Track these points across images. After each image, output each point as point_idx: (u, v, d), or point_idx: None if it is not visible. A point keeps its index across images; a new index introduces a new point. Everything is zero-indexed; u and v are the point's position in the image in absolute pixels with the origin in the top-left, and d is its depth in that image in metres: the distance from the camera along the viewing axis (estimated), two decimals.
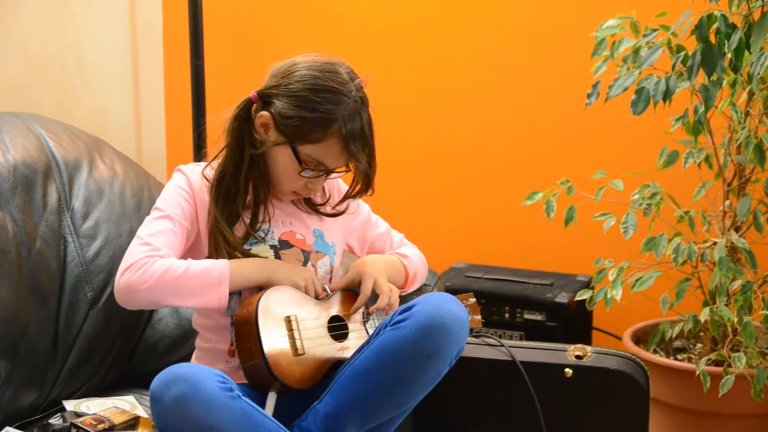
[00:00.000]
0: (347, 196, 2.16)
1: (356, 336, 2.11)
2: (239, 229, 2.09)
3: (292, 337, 2.00)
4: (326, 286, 2.13)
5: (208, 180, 2.11)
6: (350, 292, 2.16)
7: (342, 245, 2.25)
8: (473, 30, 3.31)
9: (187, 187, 2.11)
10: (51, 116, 2.49)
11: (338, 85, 2.03)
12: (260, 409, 1.89)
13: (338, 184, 2.24)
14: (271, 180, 2.10)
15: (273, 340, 1.98)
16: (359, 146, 2.04)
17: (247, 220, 2.09)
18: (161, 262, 1.99)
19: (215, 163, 2.12)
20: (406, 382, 1.96)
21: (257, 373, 1.99)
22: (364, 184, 2.10)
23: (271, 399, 1.98)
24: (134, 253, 2.01)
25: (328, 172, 2.08)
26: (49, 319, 2.22)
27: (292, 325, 2.01)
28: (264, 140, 2.06)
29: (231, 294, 2.04)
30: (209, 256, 2.07)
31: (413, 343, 1.94)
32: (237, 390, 1.87)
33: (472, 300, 2.31)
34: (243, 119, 2.07)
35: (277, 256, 2.11)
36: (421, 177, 3.42)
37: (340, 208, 2.20)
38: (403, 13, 3.38)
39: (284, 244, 2.13)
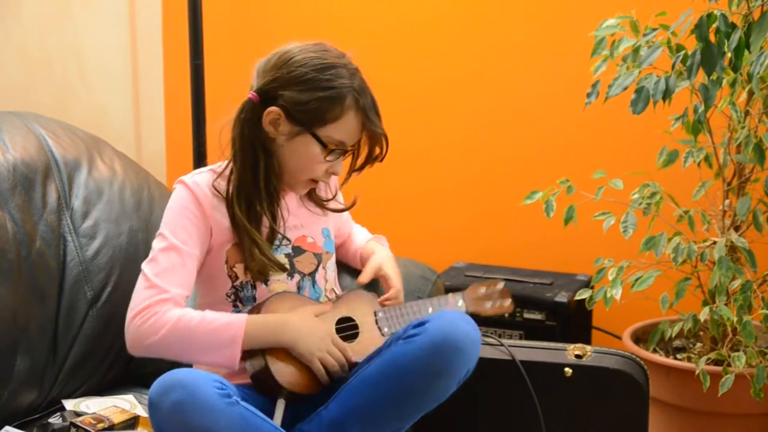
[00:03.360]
0: (371, 162, 2.11)
1: (368, 336, 2.11)
2: (264, 231, 2.07)
3: None
4: (335, 288, 2.13)
5: (219, 192, 2.06)
6: (357, 292, 2.16)
7: None
8: (473, 30, 3.32)
9: (191, 205, 2.05)
10: (51, 116, 2.49)
11: (337, 60, 2.03)
12: (259, 413, 1.88)
13: (336, 184, 2.24)
14: (286, 174, 2.07)
15: (277, 350, 1.98)
16: (375, 113, 2.04)
17: (269, 221, 2.07)
18: (170, 314, 1.96)
19: (225, 172, 2.08)
20: (413, 397, 1.96)
21: (263, 383, 1.98)
22: (387, 146, 2.08)
23: (280, 406, 1.97)
24: (141, 297, 1.99)
25: (345, 151, 2.06)
26: (49, 318, 2.22)
27: None
28: (275, 136, 2.03)
29: (240, 299, 2.05)
30: (243, 262, 2.05)
31: (424, 359, 1.93)
32: (236, 395, 1.86)
33: (501, 285, 2.35)
34: (250, 122, 2.03)
35: (292, 264, 2.09)
36: (421, 177, 3.42)
37: (343, 201, 2.21)
38: (403, 14, 3.38)
39: (297, 251, 2.11)
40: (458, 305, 2.26)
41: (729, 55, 2.27)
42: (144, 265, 2.03)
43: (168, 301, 1.98)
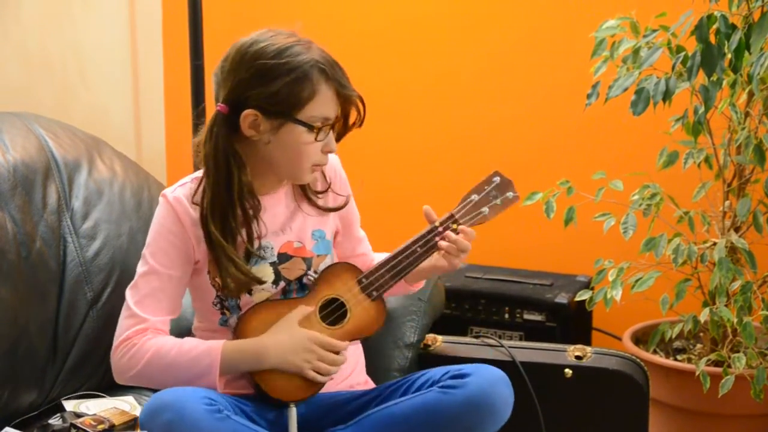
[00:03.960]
0: (350, 129, 2.03)
1: (359, 309, 2.05)
2: (240, 248, 2.01)
3: None
4: (311, 273, 2.07)
5: (198, 205, 2.00)
6: (332, 267, 2.08)
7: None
8: (473, 30, 3.31)
9: (171, 224, 2.01)
10: (51, 116, 2.49)
11: (289, 39, 1.97)
12: (251, 425, 1.88)
13: (338, 171, 2.16)
14: (285, 169, 2.01)
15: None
16: (345, 77, 1.97)
17: (244, 237, 2.00)
18: (147, 345, 1.95)
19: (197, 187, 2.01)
20: None
21: (264, 399, 1.98)
22: (363, 109, 2.01)
23: (292, 416, 1.97)
24: (122, 327, 1.99)
25: (333, 124, 1.99)
26: (49, 319, 2.22)
27: None
28: (259, 138, 1.97)
29: (226, 307, 2.03)
30: (220, 277, 1.99)
31: (457, 414, 1.92)
32: (227, 410, 1.85)
33: (496, 178, 2.16)
34: (224, 135, 1.97)
35: (277, 273, 2.04)
36: (421, 177, 3.42)
37: (342, 191, 2.14)
38: (403, 15, 3.38)
39: (283, 258, 2.05)
40: (452, 228, 2.11)
41: (729, 56, 2.27)
42: (127, 291, 2.02)
43: (147, 331, 1.98)
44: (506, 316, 3.07)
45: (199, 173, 2.05)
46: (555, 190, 2.70)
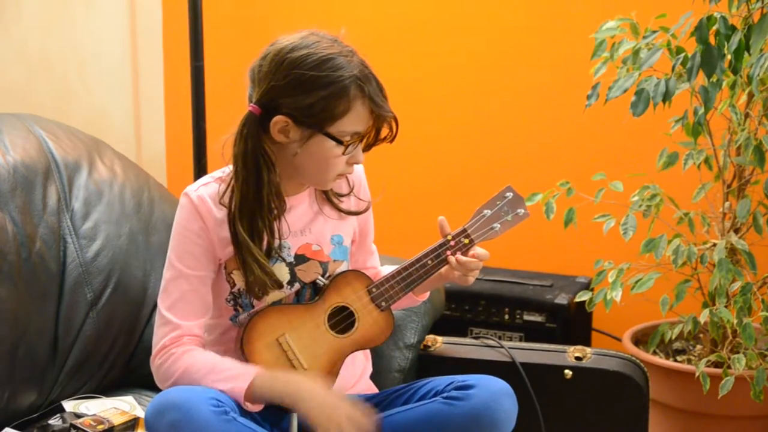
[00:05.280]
0: (379, 143, 2.02)
1: (367, 319, 2.04)
2: (264, 246, 1.99)
3: (288, 358, 1.98)
4: (320, 278, 2.07)
5: (225, 206, 1.98)
6: (343, 275, 2.07)
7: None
8: (473, 31, 3.32)
9: (194, 225, 1.98)
10: (51, 117, 2.49)
11: (331, 49, 1.93)
12: (257, 428, 1.87)
13: (362, 179, 2.16)
14: (309, 176, 2.00)
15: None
16: (381, 96, 1.95)
17: (268, 236, 1.99)
18: (181, 361, 1.94)
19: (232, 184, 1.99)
20: None
21: (269, 404, 1.98)
22: (396, 128, 1.99)
23: (294, 421, 1.96)
24: (158, 336, 1.98)
25: (363, 137, 1.97)
26: (49, 320, 2.22)
27: (283, 346, 1.99)
28: (288, 144, 1.94)
29: (239, 305, 2.02)
30: (244, 276, 1.98)
31: (459, 426, 1.92)
32: (234, 411, 1.85)
33: (509, 194, 2.12)
34: (254, 136, 1.93)
35: (293, 273, 2.03)
36: (421, 178, 3.42)
37: (364, 197, 2.14)
38: (403, 16, 3.38)
39: (300, 259, 2.04)
40: (464, 243, 2.08)
41: (729, 57, 2.27)
42: (158, 298, 2.01)
43: (182, 338, 1.97)
44: (506, 317, 3.07)
45: (219, 172, 2.03)
46: (555, 191, 2.70)
